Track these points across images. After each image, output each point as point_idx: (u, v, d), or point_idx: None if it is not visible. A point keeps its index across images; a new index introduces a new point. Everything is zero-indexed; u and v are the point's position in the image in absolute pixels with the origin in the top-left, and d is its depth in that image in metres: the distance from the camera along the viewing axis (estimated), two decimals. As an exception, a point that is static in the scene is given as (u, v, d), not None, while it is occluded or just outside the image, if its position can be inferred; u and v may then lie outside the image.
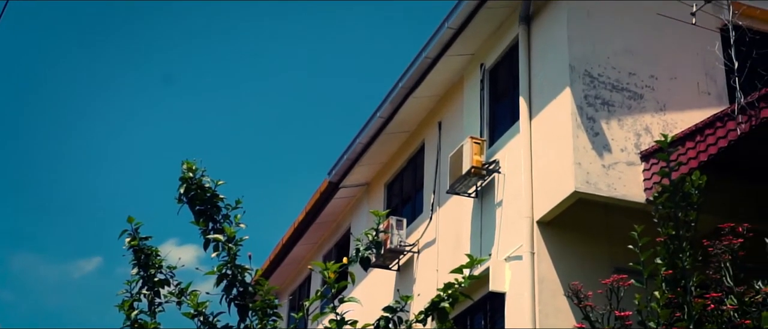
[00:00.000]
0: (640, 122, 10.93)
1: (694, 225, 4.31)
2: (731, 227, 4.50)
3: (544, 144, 11.01)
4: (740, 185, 10.83)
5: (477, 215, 12.15)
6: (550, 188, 10.60)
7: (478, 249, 11.78)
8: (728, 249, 4.43)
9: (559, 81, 11.02)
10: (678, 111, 11.18)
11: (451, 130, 13.64)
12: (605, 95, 10.88)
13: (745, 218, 10.28)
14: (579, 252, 10.50)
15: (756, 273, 5.33)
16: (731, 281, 4.29)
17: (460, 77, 13.67)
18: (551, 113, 11.02)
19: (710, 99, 11.42)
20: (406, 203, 15.24)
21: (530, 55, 11.82)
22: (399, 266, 14.13)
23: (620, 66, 11.16)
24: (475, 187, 12.18)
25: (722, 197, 10.58)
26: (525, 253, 10.48)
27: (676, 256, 4.17)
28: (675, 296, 4.17)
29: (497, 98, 12.81)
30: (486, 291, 10.97)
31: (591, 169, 10.35)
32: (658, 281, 4.34)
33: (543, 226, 10.64)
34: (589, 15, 11.35)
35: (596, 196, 10.29)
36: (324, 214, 17.45)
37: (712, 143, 9.90)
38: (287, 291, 20.28)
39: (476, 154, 11.86)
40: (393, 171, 15.74)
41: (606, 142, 10.61)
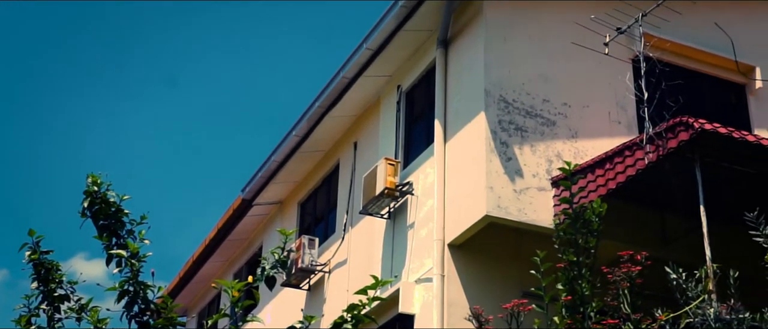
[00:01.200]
0: (552, 148, 11.07)
1: (594, 252, 4.34)
2: (630, 254, 4.55)
3: (457, 167, 11.07)
4: (647, 213, 11.04)
5: (389, 237, 12.14)
6: (462, 211, 10.65)
7: (389, 271, 11.77)
8: (627, 276, 4.47)
9: (474, 105, 11.10)
10: (589, 139, 11.36)
11: (366, 150, 13.63)
12: (519, 121, 11.00)
13: (651, 245, 10.54)
14: (489, 276, 10.56)
15: (654, 300, 5.42)
16: (629, 308, 4.33)
17: (377, 98, 13.69)
18: (466, 136, 11.09)
19: (620, 128, 11.64)
20: (319, 222, 15.16)
21: (447, 78, 11.90)
22: (310, 285, 14.03)
23: (535, 92, 11.31)
24: (388, 208, 12.17)
25: (629, 225, 10.77)
26: (435, 276, 10.49)
27: (575, 282, 4.20)
28: (574, 321, 4.19)
29: (413, 120, 12.85)
30: (395, 313, 10.95)
31: (503, 193, 10.44)
32: (558, 306, 4.36)
33: (454, 249, 10.67)
34: (505, 41, 11.49)
35: (507, 220, 10.37)
36: (236, 231, 17.25)
37: (620, 171, 10.07)
38: (196, 309, 19.96)
39: (390, 175, 11.86)
40: (307, 190, 15.65)
41: (518, 167, 10.71)
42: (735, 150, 9.68)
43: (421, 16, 12.06)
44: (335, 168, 14.76)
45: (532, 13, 11.88)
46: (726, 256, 8.25)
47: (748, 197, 8.32)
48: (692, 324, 5.54)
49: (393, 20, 12.24)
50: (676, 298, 6.30)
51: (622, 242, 9.86)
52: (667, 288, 5.98)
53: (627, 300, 4.33)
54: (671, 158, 9.73)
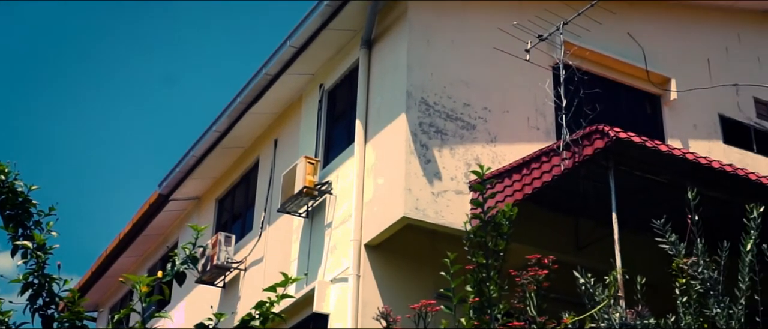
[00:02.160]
0: (471, 152, 11.15)
1: (502, 255, 4.37)
2: (538, 258, 4.60)
3: (376, 168, 11.06)
4: (561, 218, 11.19)
5: (306, 236, 12.07)
6: (380, 212, 10.65)
7: (305, 269, 11.71)
8: (534, 279, 4.52)
9: (395, 107, 11.11)
10: (508, 144, 11.47)
11: (286, 148, 13.55)
12: (439, 124, 11.05)
13: (564, 251, 10.70)
14: (404, 277, 10.58)
15: (564, 304, 5.49)
16: (535, 310, 4.37)
17: (299, 96, 13.61)
18: (386, 137, 11.10)
19: (539, 134, 11.77)
20: (237, 219, 15.01)
21: (369, 78, 11.90)
22: (225, 283, 13.88)
23: (456, 96, 11.37)
24: (306, 207, 12.11)
25: (544, 230, 10.91)
26: (351, 276, 10.47)
27: (484, 284, 4.22)
28: (480, 323, 4.21)
29: (335, 119, 12.81)
30: (310, 312, 10.90)
31: (421, 195, 10.47)
32: (466, 308, 4.38)
33: (370, 249, 10.67)
34: (428, 44, 11.53)
35: (424, 222, 10.41)
36: (151, 226, 16.98)
37: (537, 177, 10.19)
38: (109, 304, 19.59)
39: (309, 174, 11.79)
40: (225, 187, 15.48)
41: (437, 170, 10.75)
42: (648, 159, 9.88)
43: (346, 15, 12.04)
44: (255, 165, 14.63)
45: (456, 18, 11.95)
46: (636, 263, 8.39)
47: (660, 206, 8.48)
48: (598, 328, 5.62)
49: (318, 19, 12.19)
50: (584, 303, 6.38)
51: (537, 247, 9.98)
52: (577, 292, 6.06)
53: (533, 303, 4.36)
54: (586, 165, 9.88)
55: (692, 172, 9.96)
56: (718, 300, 5.57)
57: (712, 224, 8.31)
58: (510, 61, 11.73)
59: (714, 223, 8.31)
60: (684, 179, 9.33)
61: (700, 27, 14.29)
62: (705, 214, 8.89)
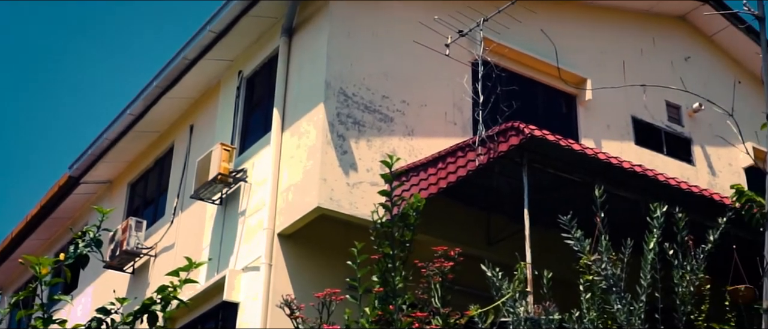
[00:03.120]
0: (388, 144, 11.15)
1: (409, 246, 4.37)
2: (444, 250, 4.61)
3: (292, 157, 10.99)
4: (475, 213, 11.28)
5: (219, 223, 11.94)
6: (294, 201, 10.59)
7: (216, 257, 11.58)
8: (439, 271, 4.53)
9: (313, 96, 11.05)
10: (425, 137, 11.50)
11: (202, 134, 13.37)
12: (357, 115, 11.02)
13: (477, 245, 10.80)
14: (317, 267, 10.52)
15: (471, 297, 5.53)
16: (439, 302, 4.38)
17: (217, 82, 13.44)
18: (303, 127, 11.03)
19: (456, 129, 11.84)
20: (149, 205, 14.76)
21: (289, 67, 11.81)
22: (134, 269, 13.64)
23: (375, 88, 11.36)
24: (220, 194, 11.97)
25: (457, 224, 10.99)
26: (263, 265, 10.38)
27: (389, 274, 4.21)
28: (384, 313, 4.20)
29: (252, 107, 12.68)
30: (220, 300, 10.78)
31: (336, 186, 10.44)
32: (371, 298, 4.37)
33: (283, 239, 10.60)
34: (349, 35, 11.49)
35: (338, 213, 10.38)
36: (61, 209, 16.58)
37: (452, 171, 10.23)
38: (13, 288, 19.09)
39: (225, 161, 11.65)
40: (138, 171, 15.21)
41: (353, 161, 10.73)
42: (561, 157, 10.01)
43: (267, 3, 11.93)
44: (169, 151, 14.41)
45: (377, 10, 11.94)
46: (547, 259, 8.50)
47: (571, 204, 8.60)
48: (505, 323, 5.68)
49: (238, 5, 12.05)
50: (492, 296, 6.43)
51: (449, 241, 10.01)
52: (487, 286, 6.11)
53: (438, 294, 4.37)
54: (501, 162, 9.97)
55: (604, 171, 10.12)
56: (620, 297, 5.66)
57: (621, 223, 8.48)
58: (430, 56, 11.77)
59: (623, 222, 8.48)
60: (595, 178, 9.47)
61: (616, 29, 14.55)
62: (615, 213, 9.07)
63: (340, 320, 4.36)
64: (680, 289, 5.53)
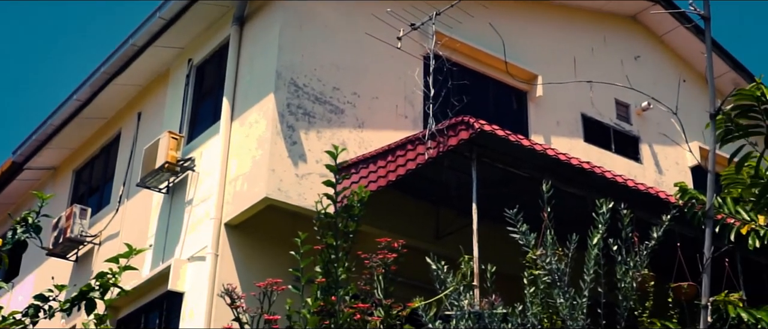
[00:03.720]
0: (338, 136, 11.10)
1: (352, 237, 4.33)
2: (388, 242, 4.58)
3: (241, 147, 10.90)
4: (424, 207, 11.28)
5: (165, 212, 11.80)
6: (242, 191, 10.50)
7: (162, 246, 11.45)
8: (382, 262, 4.50)
9: (264, 86, 10.96)
10: (375, 130, 11.47)
11: (150, 122, 13.20)
12: (308, 106, 10.95)
13: (425, 238, 10.79)
14: (264, 258, 10.43)
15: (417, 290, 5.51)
16: (382, 293, 4.35)
17: (166, 70, 13.27)
18: (252, 117, 10.94)
19: (406, 122, 11.82)
20: (95, 192, 14.54)
21: (239, 56, 11.70)
22: (77, 257, 13.43)
23: (326, 79, 11.29)
24: (167, 183, 11.83)
25: (406, 217, 10.98)
26: (209, 254, 10.28)
27: (332, 265, 4.17)
28: (326, 304, 4.16)
29: (202, 95, 12.55)
30: (165, 290, 10.66)
31: (284, 177, 10.36)
32: (314, 289, 4.32)
33: (230, 229, 10.51)
34: (301, 26, 11.41)
35: (286, 204, 10.31)
36: (4, 195, 16.27)
37: (401, 164, 10.22)
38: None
39: (172, 149, 11.52)
40: (84, 158, 14.98)
41: (302, 152, 10.66)
42: (510, 152, 10.04)
43: (218, -10, 11.81)
44: (116, 138, 14.20)
45: (330, 1, 11.86)
46: (495, 253, 8.51)
47: (519, 199, 8.61)
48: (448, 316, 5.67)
49: (189, -9, 11.91)
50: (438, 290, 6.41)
51: (397, 234, 10.00)
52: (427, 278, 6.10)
53: (381, 286, 4.34)
54: (450, 156, 9.97)
55: (552, 167, 10.17)
56: (563, 291, 5.69)
57: (568, 219, 8.51)
58: (382, 48, 11.74)
59: (570, 218, 8.51)
60: (544, 173, 9.52)
61: (568, 27, 14.63)
62: (563, 209, 9.11)
63: (283, 310, 4.31)
64: (623, 285, 5.57)
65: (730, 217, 5.84)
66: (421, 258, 7.37)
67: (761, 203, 5.71)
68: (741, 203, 6.01)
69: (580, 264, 6.52)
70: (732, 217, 5.85)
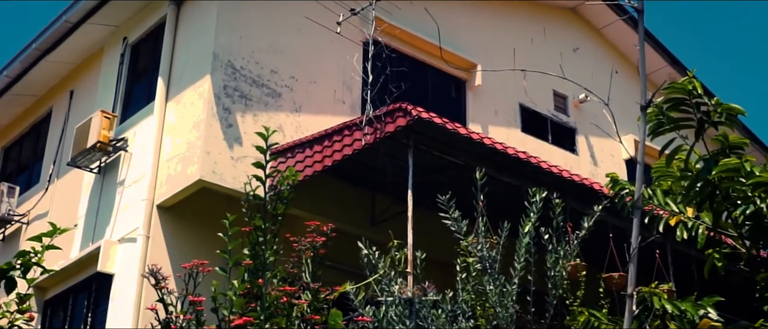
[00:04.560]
0: (275, 119, 10.99)
1: (281, 219, 4.27)
2: (317, 225, 4.54)
3: (175, 128, 10.73)
4: (360, 193, 11.23)
5: (96, 192, 11.57)
6: (176, 173, 10.34)
7: (92, 227, 11.24)
8: (311, 245, 4.44)
9: (200, 67, 10.80)
10: (313, 114, 11.38)
11: (82, 101, 12.94)
12: (244, 89, 10.82)
13: (360, 224, 10.75)
14: (197, 240, 10.27)
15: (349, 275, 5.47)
16: (310, 277, 4.31)
17: (100, 48, 13.01)
18: (188, 98, 10.77)
19: (344, 108, 11.75)
20: (24, 170, 14.23)
21: (176, 36, 11.52)
22: (4, 236, 13.12)
23: (263, 62, 11.16)
24: (99, 162, 11.61)
25: (342, 203, 10.92)
26: (140, 236, 10.11)
27: (259, 247, 4.11)
28: (253, 287, 4.10)
29: (136, 75, 12.33)
30: (94, 271, 10.46)
31: (219, 159, 10.23)
32: (241, 271, 4.26)
33: (163, 211, 10.35)
34: (239, 8, 11.26)
35: (221, 187, 10.18)
36: (-70, 171, 15.85)
37: (338, 150, 10.14)
38: None
39: (105, 129, 11.30)
40: (13, 135, 14.64)
41: (238, 135, 10.54)
42: (447, 141, 10.03)
43: (155, -32, 11.59)
44: (47, 116, 13.90)
45: (270, -17, 11.73)
46: (431, 240, 8.50)
47: (455, 187, 8.61)
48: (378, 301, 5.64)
49: (125, -32, 11.68)
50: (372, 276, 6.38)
51: (332, 220, 9.94)
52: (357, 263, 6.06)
53: (309, 269, 4.29)
54: (387, 142, 9.93)
55: (488, 156, 10.19)
56: (494, 279, 5.69)
57: (504, 207, 8.53)
58: (321, 33, 11.64)
59: (506, 207, 8.53)
60: (480, 162, 9.52)
61: (508, 17, 14.68)
62: (498, 198, 9.15)
63: (209, 292, 4.24)
64: (553, 273, 5.58)
65: (659, 208, 5.89)
66: (357, 244, 7.32)
67: (690, 195, 5.75)
68: (670, 196, 6.05)
69: (513, 252, 6.53)
70: (661, 208, 5.90)
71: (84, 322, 10.68)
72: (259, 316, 3.97)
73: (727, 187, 5.66)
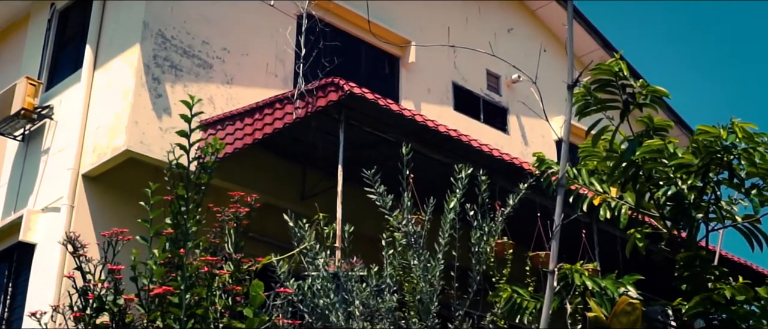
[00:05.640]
0: (206, 91, 10.86)
1: (204, 189, 4.22)
2: (241, 195, 4.50)
3: (103, 97, 10.53)
4: (290, 167, 11.18)
5: (20, 160, 11.32)
6: (102, 143, 10.16)
7: (15, 196, 11.00)
8: (234, 216, 4.41)
9: (130, 36, 10.61)
10: (244, 87, 11.27)
11: (6, 67, 12.64)
12: (175, 59, 10.66)
13: (290, 199, 10.71)
14: (123, 211, 10.11)
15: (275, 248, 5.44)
16: (232, 248, 4.27)
17: (26, 13, 12.69)
18: (116, 67, 10.58)
19: (276, 81, 11.66)
20: (-55, 138, 13.84)
21: (105, 4, 11.30)
22: (-75, 204, 12.77)
23: (195, 33, 11.01)
24: (23, 130, 11.35)
25: (273, 177, 10.86)
26: (64, 206, 9.93)
27: (181, 217, 4.06)
28: (174, 256, 4.05)
29: (64, 42, 12.05)
30: (16, 240, 10.25)
31: (148, 130, 10.08)
32: (162, 240, 4.20)
33: (88, 180, 10.17)
34: (171, -24, 11.08)
35: (148, 158, 10.03)
36: None
37: (269, 123, 10.07)
38: None
39: (30, 96, 11.05)
40: (-65, 101, 14.21)
41: (167, 105, 10.39)
42: (379, 117, 10.02)
43: (85, -68, 11.33)
44: (-29, 81, 13.53)
45: (203, -48, 11.55)
46: (361, 216, 8.48)
47: (386, 163, 8.60)
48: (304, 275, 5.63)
49: (53, -68, 11.40)
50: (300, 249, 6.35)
51: (263, 193, 9.91)
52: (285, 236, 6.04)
53: (231, 240, 4.26)
54: (319, 117, 9.89)
55: (419, 133, 10.22)
56: (418, 254, 5.72)
57: (434, 185, 8.56)
58: (255, 5, 11.52)
59: (437, 185, 8.56)
60: (411, 139, 9.54)
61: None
62: (429, 175, 9.17)
63: (130, 262, 4.18)
64: (478, 249, 5.63)
65: (583, 188, 5.97)
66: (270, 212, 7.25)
67: (614, 175, 5.85)
68: (595, 175, 6.15)
69: (441, 228, 6.55)
70: (586, 188, 5.98)
71: (4, 292, 10.46)
72: (179, 286, 3.92)
73: (650, 168, 5.77)
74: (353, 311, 5.57)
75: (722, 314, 5.42)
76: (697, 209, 5.63)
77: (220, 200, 5.11)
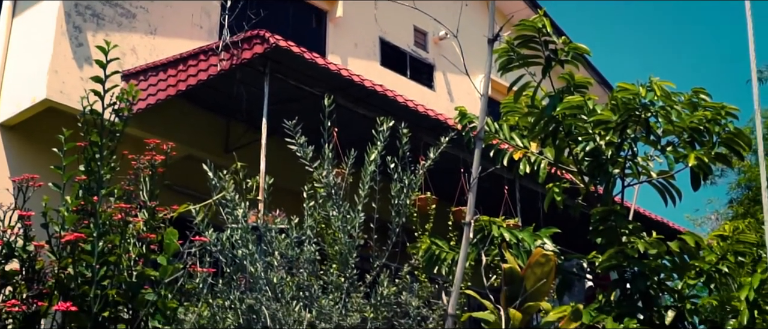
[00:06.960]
0: (129, 41, 10.67)
1: (119, 136, 4.16)
2: (157, 143, 4.45)
3: (22, 46, 10.29)
4: (214, 119, 11.08)
5: (-66, 109, 11.00)
6: (21, 92, 9.94)
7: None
8: (149, 164, 4.35)
9: (49, -18, 10.33)
10: (168, 38, 11.11)
11: None
12: (97, 8, 10.44)
13: (214, 151, 10.62)
14: (41, 160, 9.90)
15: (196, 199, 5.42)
16: (147, 196, 4.22)
17: (-59, -43, 12.26)
18: (36, 15, 10.32)
19: (201, 33, 11.51)
20: None
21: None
22: None
23: (118, -19, 10.78)
24: (-63, 78, 11.00)
25: (196, 129, 10.75)
26: (-19, 156, 9.71)
27: (95, 163, 4.00)
28: (87, 203, 4.00)
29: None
30: (-72, 191, 9.99)
31: (68, 79, 9.88)
32: (75, 187, 4.14)
33: (6, 130, 9.96)
34: None
35: (68, 107, 9.84)
36: None
37: (192, 75, 9.96)
38: None
39: (-55, 42, 10.69)
40: None
41: (88, 55, 10.18)
42: (305, 70, 9.97)
43: None
44: None
45: None
46: (285, 168, 8.44)
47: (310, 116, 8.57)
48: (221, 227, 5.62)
49: None
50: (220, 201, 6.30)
51: (186, 145, 9.82)
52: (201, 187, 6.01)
53: (146, 188, 4.21)
54: (244, 69, 9.80)
55: (345, 87, 10.21)
56: (338, 205, 5.73)
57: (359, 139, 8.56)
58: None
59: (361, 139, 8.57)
60: (337, 93, 9.50)
61: (373, -50, 14.61)
62: (353, 129, 9.16)
63: (40, 208, 4.11)
64: (397, 202, 5.67)
65: (504, 143, 6.03)
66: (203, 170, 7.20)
67: (535, 131, 5.91)
68: (516, 131, 6.20)
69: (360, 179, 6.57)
70: (506, 143, 6.04)
71: None
72: (91, 233, 3.87)
73: (570, 124, 5.83)
74: (272, 261, 5.56)
75: (635, 267, 5.53)
76: (614, 164, 5.72)
77: (141, 151, 5.05)
